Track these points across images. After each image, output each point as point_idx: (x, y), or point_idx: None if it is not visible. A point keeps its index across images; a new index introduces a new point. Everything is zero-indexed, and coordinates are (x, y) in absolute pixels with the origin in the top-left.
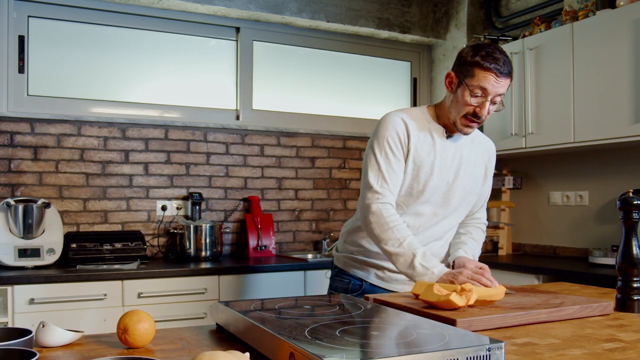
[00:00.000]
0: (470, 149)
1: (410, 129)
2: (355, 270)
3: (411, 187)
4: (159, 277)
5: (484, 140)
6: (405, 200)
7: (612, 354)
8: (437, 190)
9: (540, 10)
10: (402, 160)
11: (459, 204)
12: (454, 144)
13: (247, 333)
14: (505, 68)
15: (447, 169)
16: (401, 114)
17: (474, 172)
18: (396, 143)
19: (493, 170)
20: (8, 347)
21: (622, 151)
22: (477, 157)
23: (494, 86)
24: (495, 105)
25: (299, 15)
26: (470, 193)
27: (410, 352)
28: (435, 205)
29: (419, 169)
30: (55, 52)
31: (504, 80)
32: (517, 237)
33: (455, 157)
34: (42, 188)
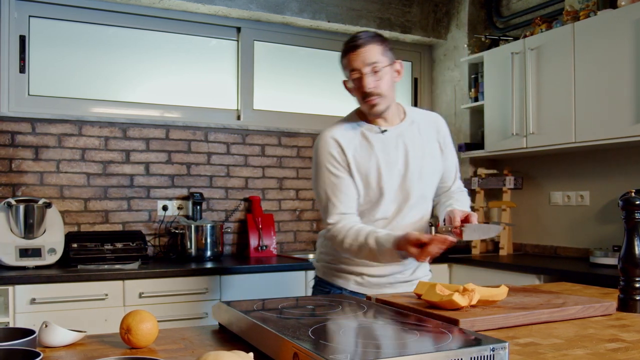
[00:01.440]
0: (412, 131)
1: (343, 144)
2: (334, 279)
3: (367, 194)
4: (160, 277)
5: (427, 117)
6: (366, 207)
7: (615, 354)
8: (392, 187)
9: (541, 10)
10: (346, 177)
11: (419, 190)
12: (393, 135)
13: (250, 333)
14: (357, 40)
15: (393, 163)
16: (331, 132)
17: (425, 152)
18: (334, 165)
19: (449, 141)
20: (12, 347)
21: (623, 151)
22: (424, 136)
23: (356, 60)
24: (378, 74)
25: (300, 15)
26: (428, 175)
27: (414, 352)
28: (395, 201)
29: (367, 175)
30: (56, 52)
31: (361, 50)
32: (518, 237)
33: (398, 147)
34: (43, 188)
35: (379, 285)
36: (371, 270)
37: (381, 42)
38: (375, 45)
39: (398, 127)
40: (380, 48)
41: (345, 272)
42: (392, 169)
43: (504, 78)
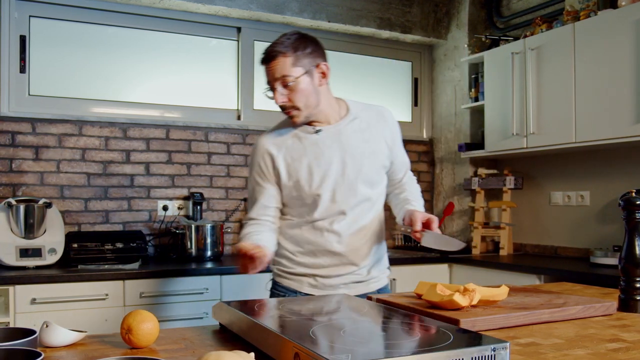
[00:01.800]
0: (353, 129)
1: (274, 153)
2: (288, 282)
3: (300, 197)
4: (161, 277)
5: (372, 113)
6: (304, 210)
7: (616, 354)
8: (328, 188)
9: (541, 10)
10: (269, 188)
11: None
12: (329, 135)
13: (251, 333)
14: (269, 54)
15: (327, 164)
16: (265, 140)
17: (366, 150)
18: (261, 175)
19: (398, 134)
20: (13, 347)
21: (624, 151)
22: (367, 133)
23: (269, 74)
24: (288, 87)
25: (300, 15)
26: (371, 172)
27: (415, 352)
28: (335, 201)
29: (298, 178)
30: (56, 52)
31: (273, 64)
32: (518, 237)
33: (334, 147)
34: (43, 188)
35: (332, 287)
36: (323, 272)
37: (294, 50)
38: (286, 58)
39: (335, 125)
40: (291, 59)
41: (298, 274)
42: (326, 169)
43: (504, 78)
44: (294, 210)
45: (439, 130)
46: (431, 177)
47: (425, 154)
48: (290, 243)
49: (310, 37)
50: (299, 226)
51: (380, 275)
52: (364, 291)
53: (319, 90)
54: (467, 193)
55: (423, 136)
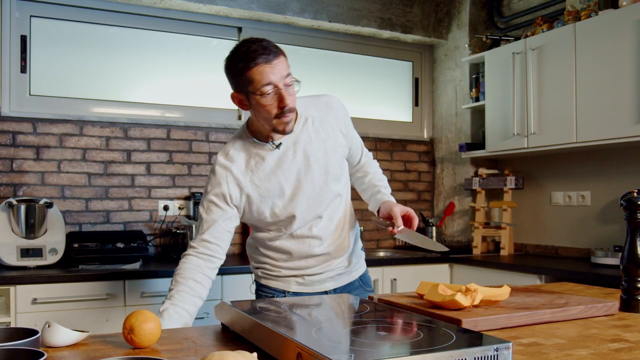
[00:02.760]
0: (309, 132)
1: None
2: (275, 283)
3: (275, 215)
4: (162, 277)
5: (318, 107)
6: (280, 224)
7: (619, 354)
8: (302, 200)
9: (542, 10)
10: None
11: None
12: (288, 145)
13: (254, 333)
14: (270, 51)
15: (295, 175)
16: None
17: (328, 147)
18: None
19: (348, 120)
20: (16, 347)
21: (625, 151)
22: (322, 132)
23: (273, 74)
24: (291, 87)
25: (301, 15)
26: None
27: (418, 352)
28: (309, 209)
29: (270, 199)
30: (57, 51)
31: (277, 61)
32: (519, 237)
33: (297, 155)
34: (44, 188)
35: (320, 282)
36: (309, 271)
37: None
38: (284, 57)
39: (291, 135)
40: (286, 60)
41: (284, 275)
42: (295, 183)
43: (505, 78)
44: (269, 227)
45: (440, 130)
46: (432, 177)
47: (425, 154)
48: (272, 252)
49: None
50: (277, 238)
51: (359, 261)
52: (348, 280)
53: None
54: (467, 193)
55: (424, 136)
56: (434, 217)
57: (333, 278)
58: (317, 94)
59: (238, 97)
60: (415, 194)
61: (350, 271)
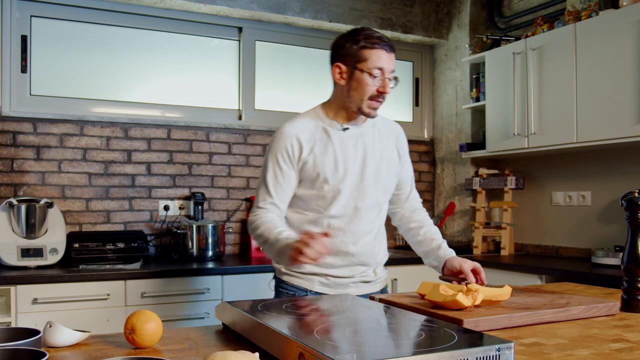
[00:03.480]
0: (373, 134)
1: (302, 139)
2: (298, 281)
3: (322, 189)
4: (162, 277)
5: (388, 124)
6: (321, 204)
7: (620, 354)
8: (348, 185)
9: (542, 11)
10: (291, 173)
11: (375, 192)
12: (353, 135)
13: (255, 333)
14: (390, 44)
15: (351, 162)
16: (293, 125)
17: (383, 156)
18: (284, 159)
19: (407, 150)
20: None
21: (625, 151)
22: (384, 141)
23: (387, 63)
24: (392, 82)
25: (302, 15)
26: (384, 178)
27: (420, 352)
28: (352, 200)
29: (323, 171)
30: (57, 51)
31: (392, 56)
32: (519, 238)
33: (358, 147)
34: (44, 188)
35: (343, 285)
36: (335, 272)
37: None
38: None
39: (359, 127)
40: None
41: (308, 273)
42: (349, 167)
43: (506, 78)
44: (310, 204)
45: (440, 130)
46: (432, 177)
47: (426, 154)
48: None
49: None
50: (313, 223)
51: (383, 276)
52: (370, 290)
53: None
54: (468, 193)
55: (424, 136)
56: (435, 217)
57: (357, 284)
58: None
59: (341, 68)
60: None
61: (374, 282)
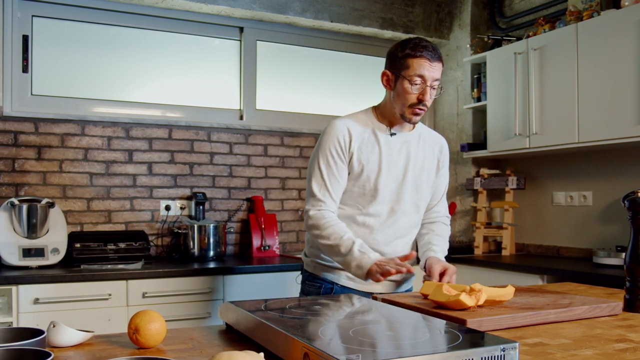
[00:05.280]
0: (418, 144)
1: (352, 133)
2: (325, 274)
3: (363, 187)
4: (163, 277)
5: (433, 136)
6: (360, 201)
7: (624, 355)
8: (388, 187)
9: (544, 11)
10: (344, 167)
11: (412, 198)
12: (399, 140)
13: (259, 333)
14: (436, 53)
15: (394, 165)
16: (344, 120)
17: (424, 165)
18: (337, 150)
19: (447, 163)
20: (23, 347)
21: (626, 151)
22: (427, 151)
23: (429, 71)
24: (435, 91)
25: (303, 15)
26: (423, 187)
27: (425, 352)
28: (389, 202)
29: (366, 168)
30: (59, 51)
31: (437, 65)
32: (520, 238)
33: (402, 153)
34: (46, 188)
35: (369, 283)
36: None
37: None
38: (442, 66)
39: (406, 134)
40: (442, 69)
41: (336, 267)
42: (391, 170)
43: (507, 78)
44: (349, 199)
45: (441, 130)
46: None
47: None
48: None
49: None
50: (350, 218)
51: (409, 276)
52: (394, 290)
53: None
54: (469, 193)
55: None
56: None
57: (383, 283)
58: (435, 131)
59: (388, 75)
60: None
61: (401, 282)
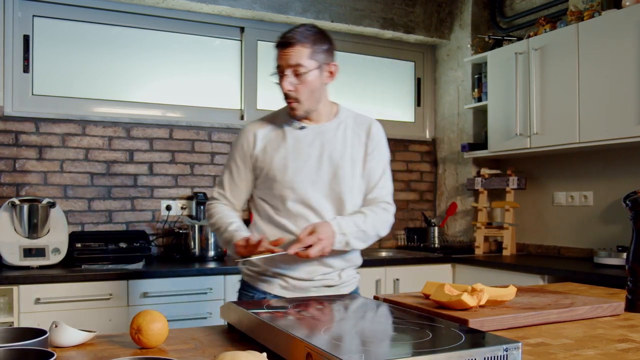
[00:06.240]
0: (336, 133)
1: (257, 136)
2: (258, 283)
3: (271, 187)
4: (164, 277)
5: (360, 121)
6: (274, 203)
7: (626, 355)
8: (301, 184)
9: (545, 11)
10: (247, 172)
11: (333, 191)
12: (311, 133)
13: (262, 333)
14: (288, 39)
15: (305, 160)
16: (254, 124)
17: (345, 154)
18: (241, 156)
19: (379, 146)
20: (25, 347)
21: (627, 151)
22: (350, 139)
23: (282, 59)
24: (299, 78)
25: (304, 15)
26: (346, 178)
27: (428, 352)
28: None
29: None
30: (60, 51)
31: (289, 50)
32: (521, 238)
33: (314, 145)
34: (46, 188)
35: (303, 289)
36: (295, 274)
37: (312, 43)
38: (304, 48)
39: (321, 126)
40: (309, 51)
41: (268, 275)
42: (300, 166)
43: (508, 78)
44: (265, 204)
45: (442, 130)
46: (434, 177)
47: (428, 154)
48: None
49: (327, 35)
50: (270, 222)
51: (351, 280)
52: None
53: (323, 88)
54: (470, 193)
55: (426, 136)
56: (436, 217)
57: (319, 289)
58: (365, 115)
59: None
60: (417, 194)
61: (339, 286)
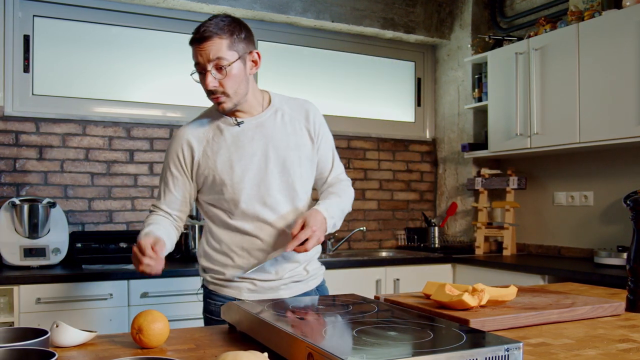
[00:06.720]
0: (275, 121)
1: (193, 143)
2: (225, 290)
3: (221, 191)
4: (165, 277)
5: (295, 105)
6: (227, 207)
7: (627, 355)
8: (250, 182)
9: (545, 11)
10: (185, 180)
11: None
12: (250, 126)
13: (263, 333)
14: (203, 33)
15: (250, 156)
16: (187, 129)
17: (290, 142)
18: (177, 166)
19: (323, 129)
20: (27, 347)
21: (628, 151)
22: (291, 125)
23: (201, 55)
24: (222, 71)
25: (304, 15)
26: (295, 165)
27: (429, 352)
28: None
29: (218, 171)
30: (60, 51)
31: (206, 44)
32: (521, 238)
33: (257, 139)
34: (47, 188)
35: (273, 289)
36: (262, 276)
37: (230, 33)
38: (222, 39)
39: (257, 117)
40: (227, 42)
41: (235, 281)
42: (246, 163)
43: (508, 78)
44: (217, 210)
45: (442, 130)
46: (434, 178)
47: (428, 154)
48: (219, 244)
49: (243, 23)
50: (225, 227)
51: (317, 272)
52: (305, 289)
53: (249, 78)
54: (470, 193)
55: (426, 136)
56: (437, 218)
57: (288, 285)
58: (297, 97)
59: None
60: (417, 194)
61: (307, 280)
